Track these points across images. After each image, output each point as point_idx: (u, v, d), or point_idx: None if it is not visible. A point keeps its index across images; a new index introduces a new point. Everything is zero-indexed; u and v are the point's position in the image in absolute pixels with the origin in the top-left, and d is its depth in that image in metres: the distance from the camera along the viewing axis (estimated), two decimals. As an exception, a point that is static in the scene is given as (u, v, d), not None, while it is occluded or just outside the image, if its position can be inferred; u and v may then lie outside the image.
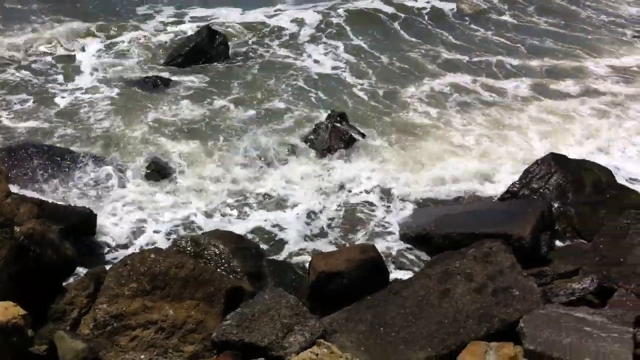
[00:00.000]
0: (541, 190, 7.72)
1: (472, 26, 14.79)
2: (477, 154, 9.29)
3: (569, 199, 7.57)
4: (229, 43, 12.67)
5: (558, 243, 7.09)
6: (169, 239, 7.29)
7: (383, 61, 12.56)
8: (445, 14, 15.33)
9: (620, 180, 8.24)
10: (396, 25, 14.47)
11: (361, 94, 11.21)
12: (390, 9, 15.03)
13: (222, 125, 9.80)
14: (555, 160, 8.00)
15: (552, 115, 10.57)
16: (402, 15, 14.89)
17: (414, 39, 13.82)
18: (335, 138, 9.11)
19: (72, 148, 8.73)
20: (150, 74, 11.46)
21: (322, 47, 13.10)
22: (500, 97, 11.32)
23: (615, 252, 5.60)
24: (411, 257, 7.08)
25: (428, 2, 15.69)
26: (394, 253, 7.10)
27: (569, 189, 7.66)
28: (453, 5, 15.62)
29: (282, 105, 10.61)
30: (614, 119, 10.59)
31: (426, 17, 14.99)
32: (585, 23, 15.45)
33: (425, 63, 12.57)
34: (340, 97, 11.03)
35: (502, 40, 14.12)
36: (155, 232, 7.49)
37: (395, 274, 6.71)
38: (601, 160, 8.81)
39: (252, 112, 10.24)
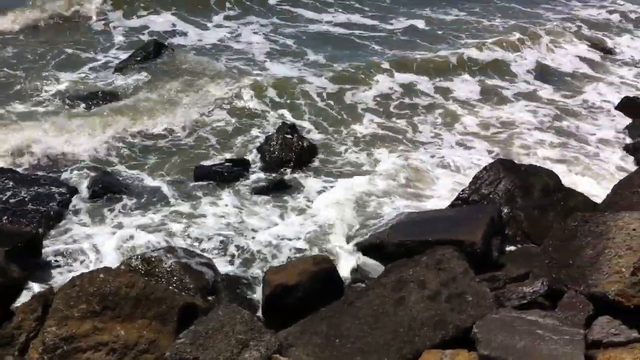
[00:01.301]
0: (491, 196, 7.82)
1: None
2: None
3: (518, 204, 7.69)
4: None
5: (509, 247, 7.18)
6: (119, 258, 7.11)
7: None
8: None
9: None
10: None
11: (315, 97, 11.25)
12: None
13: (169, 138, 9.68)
14: (503, 165, 8.12)
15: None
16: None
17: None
18: (286, 150, 9.07)
19: (17, 168, 8.57)
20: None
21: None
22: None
23: (564, 255, 5.68)
24: (365, 266, 7.07)
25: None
26: (348, 263, 7.08)
27: (517, 194, 7.78)
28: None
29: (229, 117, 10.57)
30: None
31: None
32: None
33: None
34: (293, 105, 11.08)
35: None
36: (105, 250, 7.31)
37: (350, 284, 6.71)
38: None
39: (197, 131, 10.17)
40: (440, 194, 8.60)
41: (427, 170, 9.22)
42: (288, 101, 11.24)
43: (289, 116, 10.73)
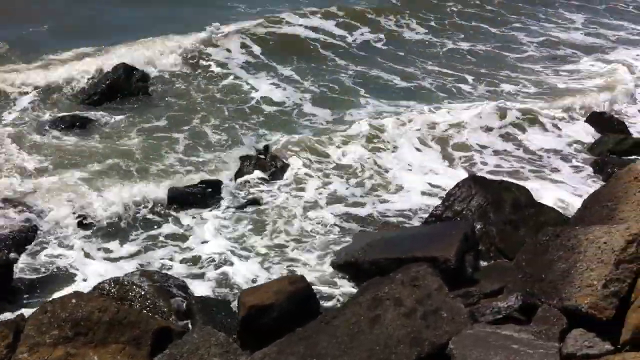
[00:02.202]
0: (464, 212, 7.89)
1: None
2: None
3: (491, 219, 7.77)
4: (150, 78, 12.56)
5: (482, 263, 7.24)
6: (91, 282, 7.01)
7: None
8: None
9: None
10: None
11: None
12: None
13: (138, 166, 9.62)
14: (475, 181, 8.21)
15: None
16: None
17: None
18: (260, 170, 9.07)
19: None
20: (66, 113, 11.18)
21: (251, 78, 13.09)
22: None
23: (537, 269, 5.73)
24: (341, 285, 7.08)
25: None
26: (324, 282, 7.07)
27: (490, 210, 7.85)
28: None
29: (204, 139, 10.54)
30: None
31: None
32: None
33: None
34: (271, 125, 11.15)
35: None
36: (77, 275, 7.22)
37: (326, 304, 6.69)
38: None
39: (172, 149, 10.11)
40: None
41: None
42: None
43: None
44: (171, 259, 7.51)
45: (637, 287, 5.02)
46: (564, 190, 9.42)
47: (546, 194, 9.09)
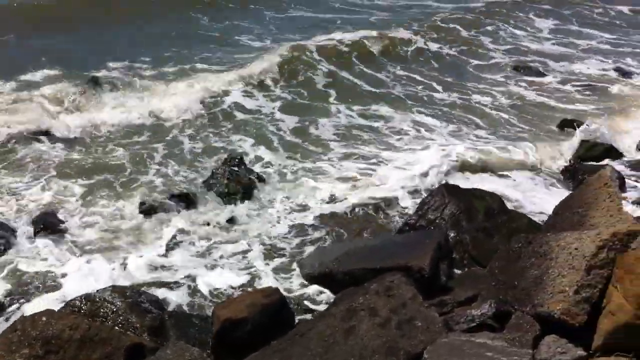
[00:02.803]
0: (437, 221, 7.92)
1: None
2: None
3: (464, 227, 7.81)
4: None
5: (456, 271, 7.26)
6: (62, 299, 6.90)
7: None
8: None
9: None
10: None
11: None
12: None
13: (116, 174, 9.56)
14: (448, 190, 8.25)
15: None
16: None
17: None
18: (234, 182, 9.00)
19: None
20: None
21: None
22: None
23: (510, 276, 5.77)
24: (315, 296, 7.05)
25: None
26: (298, 294, 7.04)
27: (462, 218, 7.90)
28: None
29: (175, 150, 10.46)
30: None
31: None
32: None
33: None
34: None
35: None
36: (47, 292, 7.11)
37: (301, 316, 6.66)
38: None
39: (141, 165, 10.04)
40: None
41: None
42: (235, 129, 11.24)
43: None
44: (143, 274, 7.40)
45: (608, 292, 5.06)
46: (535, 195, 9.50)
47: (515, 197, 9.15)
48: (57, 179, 9.46)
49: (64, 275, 7.37)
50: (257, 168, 9.82)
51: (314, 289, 7.13)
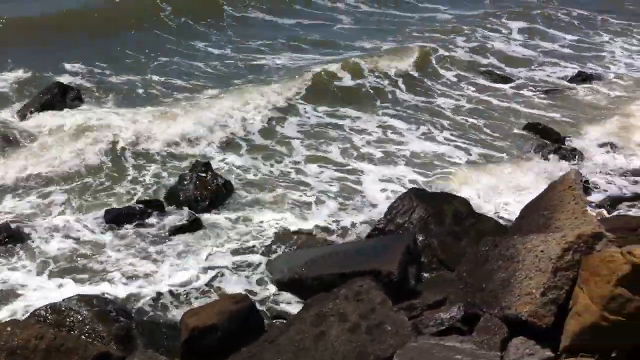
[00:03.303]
0: (406, 225, 7.96)
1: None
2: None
3: (432, 231, 7.85)
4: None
5: (425, 275, 7.30)
6: (28, 309, 6.77)
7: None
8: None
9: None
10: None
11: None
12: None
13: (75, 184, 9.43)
14: (416, 194, 8.30)
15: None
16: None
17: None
18: (201, 188, 8.94)
19: None
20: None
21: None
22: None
23: (478, 279, 5.82)
24: (285, 302, 7.02)
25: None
26: (267, 300, 7.01)
27: (431, 222, 7.94)
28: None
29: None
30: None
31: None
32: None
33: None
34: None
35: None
36: (12, 301, 6.96)
37: (271, 322, 6.63)
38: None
39: (106, 172, 9.91)
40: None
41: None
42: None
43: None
44: (111, 283, 7.30)
45: (574, 294, 5.14)
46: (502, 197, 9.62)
47: (482, 201, 9.24)
48: (19, 186, 9.28)
49: (28, 285, 7.22)
50: (224, 173, 9.74)
51: (283, 294, 7.10)
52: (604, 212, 8.95)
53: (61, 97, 11.82)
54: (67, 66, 13.90)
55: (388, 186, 9.84)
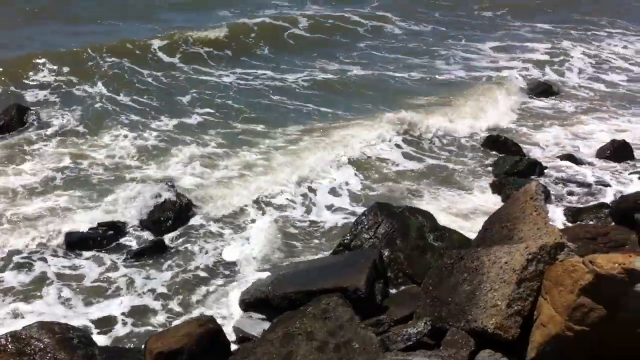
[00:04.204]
0: (371, 240, 7.95)
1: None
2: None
3: (398, 246, 7.87)
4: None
5: (392, 290, 7.29)
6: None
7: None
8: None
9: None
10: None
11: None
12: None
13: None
14: (381, 209, 8.31)
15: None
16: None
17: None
18: (164, 209, 8.83)
19: None
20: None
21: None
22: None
23: (443, 293, 5.82)
24: (252, 323, 6.92)
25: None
26: (233, 322, 6.91)
27: (396, 236, 7.96)
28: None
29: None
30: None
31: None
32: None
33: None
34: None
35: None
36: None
37: (238, 344, 6.54)
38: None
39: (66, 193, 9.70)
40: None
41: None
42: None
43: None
44: (72, 309, 7.14)
45: (539, 304, 5.18)
46: (464, 210, 9.68)
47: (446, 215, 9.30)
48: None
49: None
50: (187, 192, 9.63)
51: (250, 315, 7.00)
52: (566, 222, 9.09)
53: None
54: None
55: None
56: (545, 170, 11.09)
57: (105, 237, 8.33)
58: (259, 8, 21.80)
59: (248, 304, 7.07)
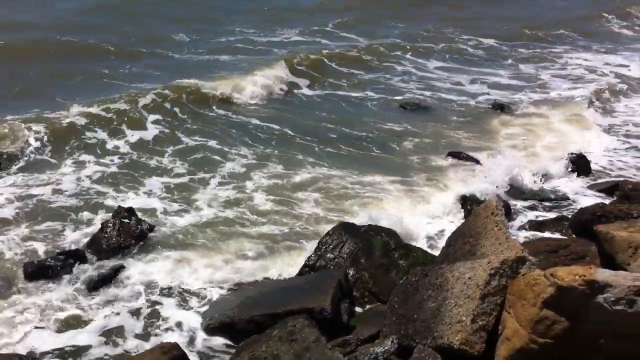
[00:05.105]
0: (336, 260, 7.96)
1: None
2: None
3: (363, 264, 7.88)
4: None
5: (358, 309, 7.28)
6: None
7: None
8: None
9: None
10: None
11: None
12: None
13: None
14: (345, 229, 8.33)
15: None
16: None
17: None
18: (124, 235, 8.68)
19: None
20: None
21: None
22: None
23: (409, 310, 5.84)
24: (217, 348, 6.84)
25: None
26: (199, 347, 6.81)
27: (361, 255, 7.98)
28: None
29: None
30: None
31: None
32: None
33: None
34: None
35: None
36: None
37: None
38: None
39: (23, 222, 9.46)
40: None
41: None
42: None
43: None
44: (32, 338, 6.95)
45: (503, 318, 5.22)
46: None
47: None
48: None
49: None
50: (148, 218, 9.49)
51: (215, 340, 6.92)
52: (527, 235, 9.21)
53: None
54: None
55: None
56: (505, 185, 11.23)
57: (64, 265, 8.13)
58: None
59: (213, 328, 6.98)
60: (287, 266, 8.45)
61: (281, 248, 8.98)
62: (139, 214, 9.30)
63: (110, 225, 8.79)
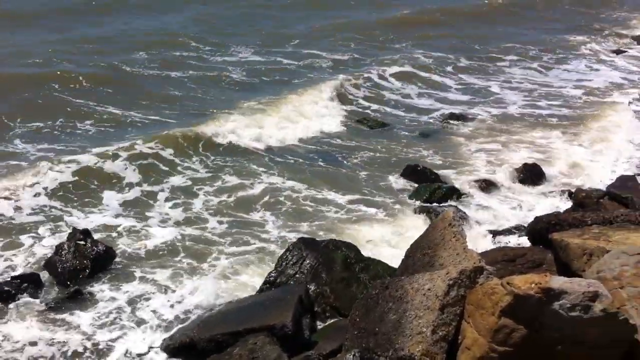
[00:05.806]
0: (297, 275, 7.94)
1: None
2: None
3: (324, 279, 7.87)
4: None
5: (319, 324, 7.25)
6: None
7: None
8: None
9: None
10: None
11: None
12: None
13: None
14: (305, 244, 8.31)
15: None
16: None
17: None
18: (80, 257, 8.50)
19: None
20: None
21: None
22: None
23: (370, 323, 5.83)
24: (178, 369, 6.75)
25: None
26: (158, 369, 6.72)
27: (322, 270, 7.97)
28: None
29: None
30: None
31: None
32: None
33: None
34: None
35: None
36: None
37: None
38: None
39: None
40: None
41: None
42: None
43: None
44: None
45: (462, 328, 5.26)
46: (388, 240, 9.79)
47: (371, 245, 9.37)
48: None
49: None
50: (105, 239, 9.32)
51: (175, 360, 6.83)
52: (484, 245, 9.31)
53: None
54: None
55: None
56: (463, 196, 11.38)
57: (20, 289, 7.93)
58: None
59: (173, 349, 6.88)
60: (247, 283, 8.39)
61: (242, 265, 8.93)
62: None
63: (65, 247, 8.60)
